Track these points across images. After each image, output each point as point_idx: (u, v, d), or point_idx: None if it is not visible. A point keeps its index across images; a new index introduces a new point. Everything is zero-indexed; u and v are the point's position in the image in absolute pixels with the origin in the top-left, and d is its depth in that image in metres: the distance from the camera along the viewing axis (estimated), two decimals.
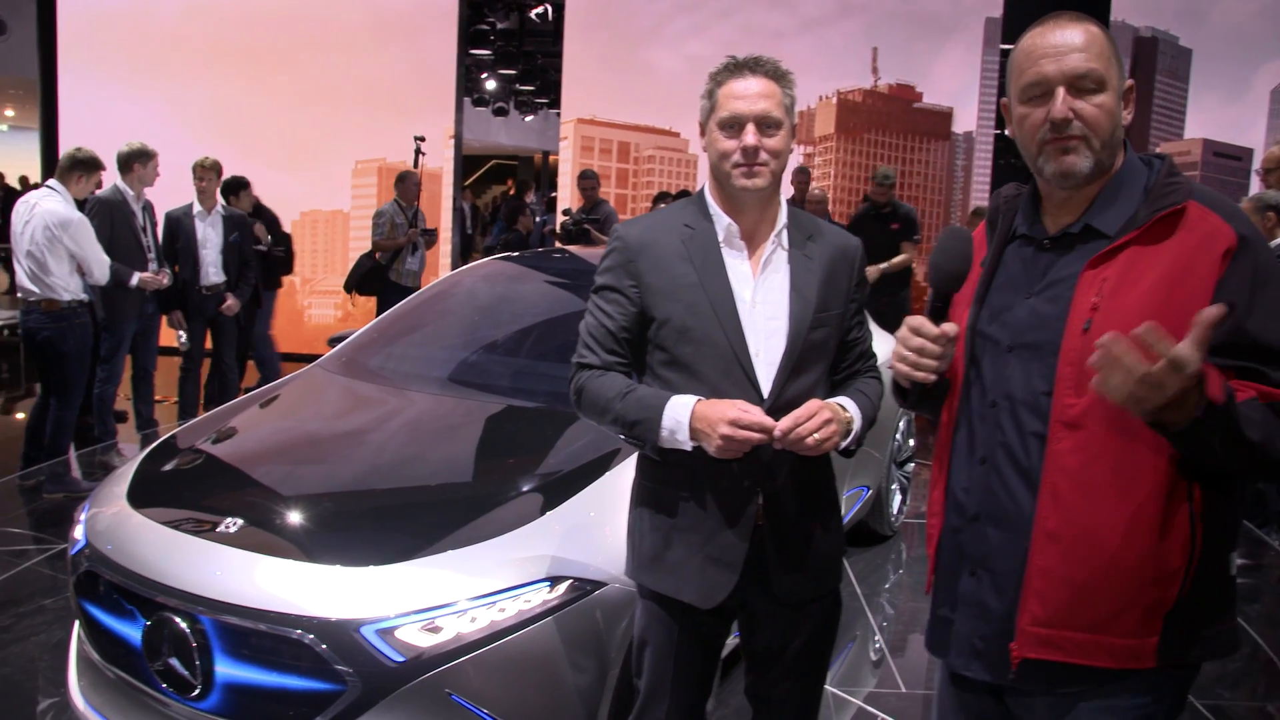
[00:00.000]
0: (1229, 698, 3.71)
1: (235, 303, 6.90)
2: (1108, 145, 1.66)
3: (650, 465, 2.20)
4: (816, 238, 2.20)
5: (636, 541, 2.23)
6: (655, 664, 2.22)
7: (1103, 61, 1.64)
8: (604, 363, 2.14)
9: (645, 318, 2.14)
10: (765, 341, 2.10)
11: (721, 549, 2.11)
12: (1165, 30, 10.55)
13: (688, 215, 2.18)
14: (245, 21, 10.40)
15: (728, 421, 1.94)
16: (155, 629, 2.54)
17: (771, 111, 2.05)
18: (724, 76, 2.09)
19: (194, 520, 2.80)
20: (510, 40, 11.26)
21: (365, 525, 2.77)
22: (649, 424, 2.04)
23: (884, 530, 5.10)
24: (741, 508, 2.11)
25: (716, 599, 2.12)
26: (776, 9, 10.82)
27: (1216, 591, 1.66)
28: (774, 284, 2.14)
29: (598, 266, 2.20)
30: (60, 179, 5.68)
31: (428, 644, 2.38)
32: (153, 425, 6.53)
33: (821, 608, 2.26)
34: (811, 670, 2.30)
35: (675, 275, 2.11)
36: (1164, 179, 1.65)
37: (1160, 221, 1.60)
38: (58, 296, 5.48)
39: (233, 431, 3.47)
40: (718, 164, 2.10)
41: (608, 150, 11.66)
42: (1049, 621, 1.66)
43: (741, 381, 2.08)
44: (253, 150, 8.17)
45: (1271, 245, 4.91)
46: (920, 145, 11.70)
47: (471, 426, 3.37)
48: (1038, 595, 1.67)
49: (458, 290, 4.43)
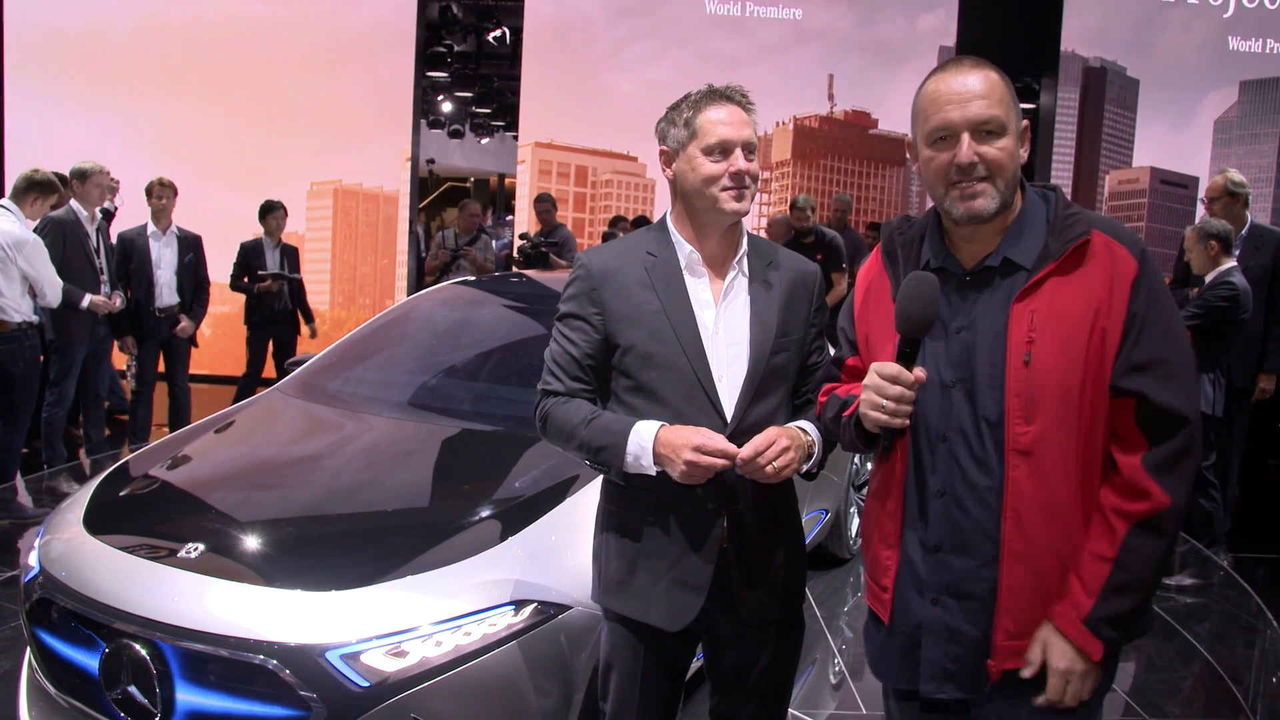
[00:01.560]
0: (1179, 714, 3.78)
1: (189, 324, 6.82)
2: (1010, 184, 1.77)
3: (615, 490, 2.22)
4: (776, 264, 2.24)
5: (602, 565, 2.25)
6: (621, 687, 2.23)
7: (1003, 107, 1.74)
8: (569, 389, 2.17)
9: (609, 344, 2.17)
10: (728, 367, 2.14)
11: (687, 572, 2.13)
12: (1114, 61, 10.82)
13: (650, 243, 2.21)
14: (199, 40, 10.32)
15: (692, 448, 1.98)
16: (113, 656, 2.50)
17: (752, 139, 2.13)
18: (705, 104, 2.13)
19: (153, 546, 2.77)
20: (467, 63, 11.26)
21: (327, 550, 2.76)
22: (614, 450, 2.07)
23: (843, 553, 5.14)
24: (706, 531, 2.13)
25: (683, 622, 2.14)
26: (734, 36, 10.94)
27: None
28: (735, 310, 2.18)
29: (562, 294, 2.23)
30: (15, 199, 5.60)
31: (393, 668, 2.37)
32: (103, 450, 6.41)
33: (785, 629, 2.29)
34: (775, 691, 2.32)
35: (638, 302, 2.14)
36: (1063, 211, 1.77)
37: (1074, 253, 1.72)
38: (8, 318, 5.38)
39: (191, 456, 3.43)
40: (701, 189, 2.12)
41: (565, 174, 11.68)
42: (1019, 634, 1.77)
43: (705, 406, 2.11)
44: (206, 171, 8.09)
45: (1215, 273, 5.06)
46: (876, 171, 11.86)
47: (431, 450, 3.36)
48: (1009, 613, 1.77)
49: (416, 314, 4.42)
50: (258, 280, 7.57)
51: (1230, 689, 4.05)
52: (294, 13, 10.60)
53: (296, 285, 7.82)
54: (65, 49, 10.15)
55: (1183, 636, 4.50)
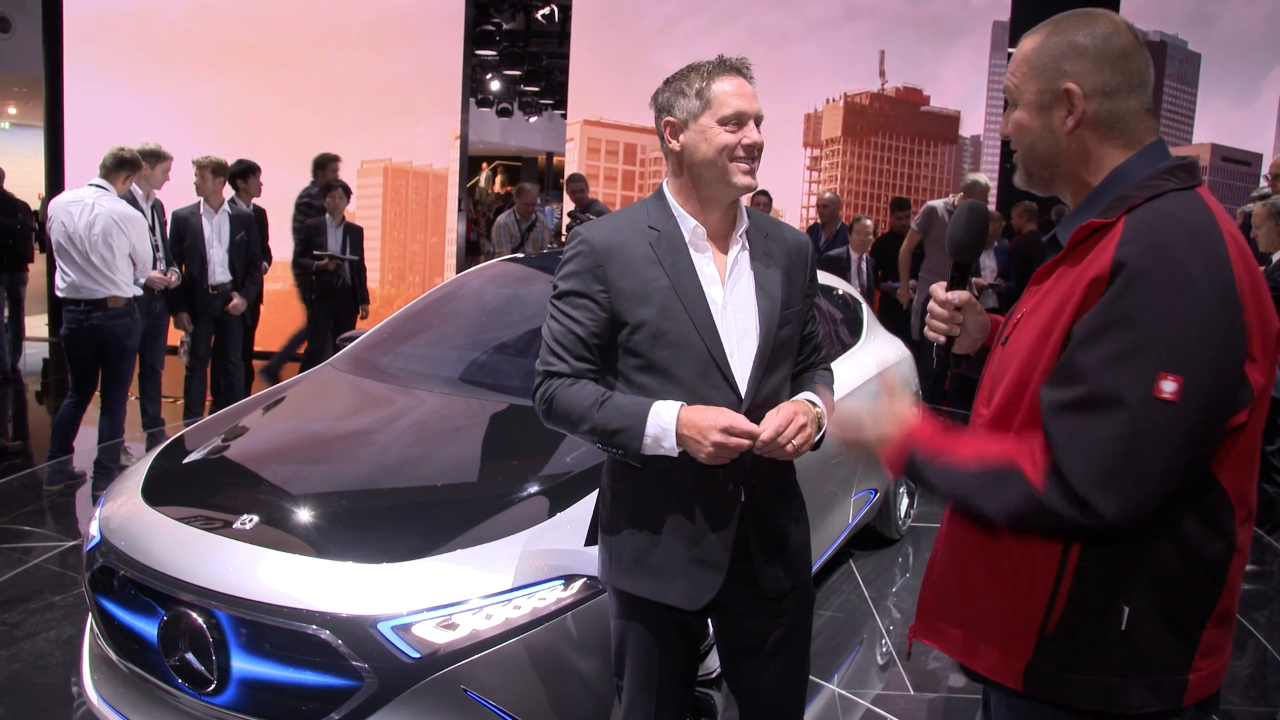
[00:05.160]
0: (1238, 703, 3.71)
1: (241, 302, 6.90)
2: (1036, 159, 1.65)
3: (625, 471, 2.19)
4: (773, 236, 2.25)
5: (613, 547, 2.22)
6: (638, 665, 2.22)
7: (1017, 75, 1.63)
8: (574, 370, 2.12)
9: (616, 323, 2.12)
10: (739, 342, 2.13)
11: (706, 551, 2.12)
12: (1174, 34, 10.56)
13: (650, 216, 2.18)
14: (251, 20, 10.41)
15: (720, 429, 1.97)
16: (171, 624, 2.55)
17: (761, 111, 2.12)
18: (717, 75, 2.11)
19: (209, 517, 2.82)
20: (516, 41, 11.25)
21: (378, 523, 2.78)
22: (631, 432, 2.04)
23: (891, 533, 5.10)
24: (726, 510, 2.13)
25: (702, 601, 2.13)
26: (783, 11, 10.84)
27: (1103, 639, 1.54)
28: (742, 284, 2.17)
29: (558, 271, 2.17)
30: (106, 177, 5.77)
31: (444, 640, 2.39)
32: (159, 424, 6.53)
33: (799, 596, 2.29)
34: (795, 657, 2.31)
35: (646, 279, 2.11)
36: (1129, 189, 1.53)
37: (1090, 236, 1.53)
38: (121, 293, 5.68)
39: (244, 430, 3.48)
40: (714, 158, 2.09)
41: (614, 152, 11.68)
42: (934, 610, 1.74)
43: (719, 384, 2.10)
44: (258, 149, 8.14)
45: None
46: (927, 148, 11.71)
47: (480, 426, 3.38)
48: (932, 585, 1.76)
49: (465, 291, 4.44)
50: (316, 259, 7.68)
51: None
52: None
53: (357, 265, 7.91)
54: (121, 30, 10.30)
55: (1241, 624, 4.41)
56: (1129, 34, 1.58)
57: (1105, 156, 1.58)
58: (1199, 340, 1.38)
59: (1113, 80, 1.56)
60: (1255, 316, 1.44)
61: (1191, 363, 1.38)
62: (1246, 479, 1.52)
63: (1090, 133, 1.58)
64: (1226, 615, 1.56)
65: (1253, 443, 1.52)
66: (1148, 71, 1.58)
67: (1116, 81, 1.56)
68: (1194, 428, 1.40)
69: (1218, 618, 1.54)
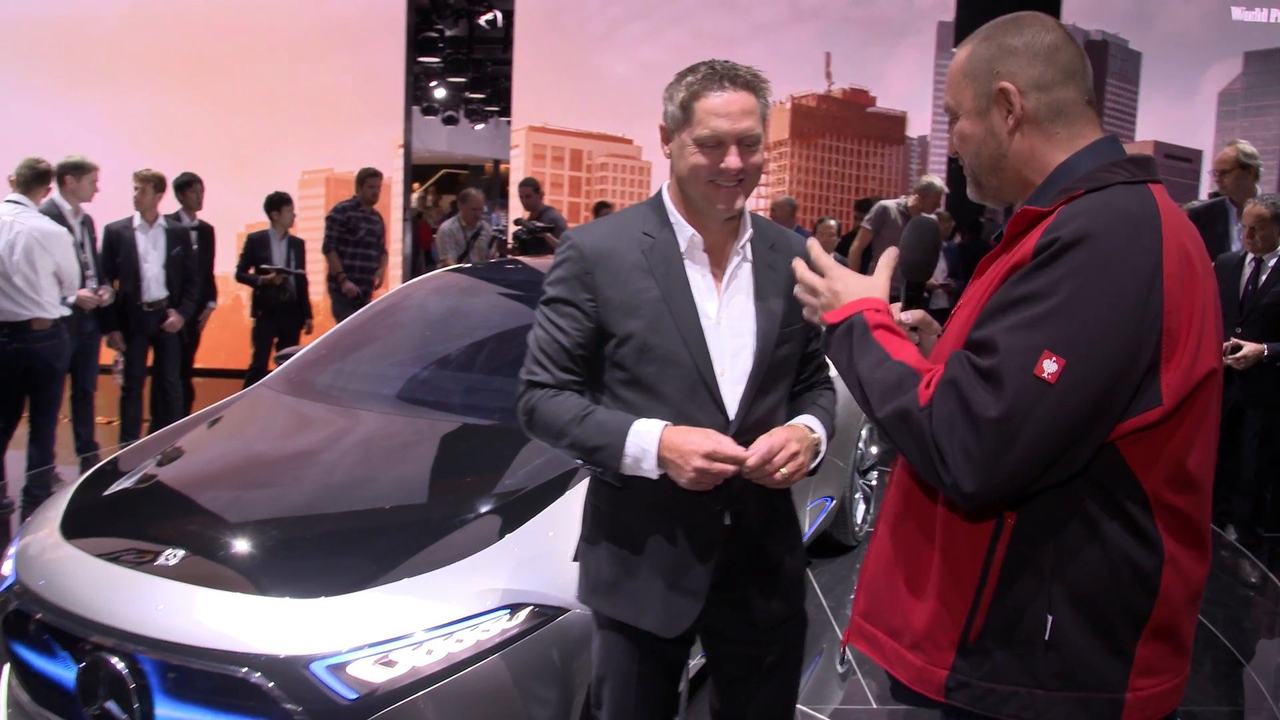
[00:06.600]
0: (1201, 703, 3.68)
1: (178, 319, 6.72)
2: (983, 166, 1.61)
3: (606, 489, 2.09)
4: (780, 247, 2.11)
5: (591, 566, 2.13)
6: (616, 693, 2.12)
7: (954, 88, 1.61)
8: (557, 381, 2.02)
9: (603, 333, 2.02)
10: (731, 360, 2.02)
11: (685, 577, 2.02)
12: (1115, 34, 10.69)
13: (646, 223, 2.06)
14: (185, 28, 10.18)
15: (702, 454, 1.86)
16: (90, 671, 2.40)
17: (753, 129, 1.94)
18: (701, 88, 1.94)
19: (133, 551, 2.67)
20: (459, 47, 11.10)
21: (316, 553, 2.65)
22: (611, 450, 1.94)
23: (848, 540, 5.04)
24: (707, 536, 2.03)
25: (679, 628, 2.03)
26: (729, 14, 10.82)
27: (1026, 647, 1.47)
28: (739, 298, 2.05)
29: (547, 275, 2.07)
30: (23, 191, 5.53)
31: (382, 679, 2.27)
32: (93, 448, 6.32)
33: (791, 625, 2.19)
34: (783, 689, 2.22)
35: (636, 289, 1.99)
36: (1074, 182, 1.49)
37: (1028, 227, 1.48)
38: (47, 314, 5.43)
39: (175, 456, 3.32)
40: (690, 179, 1.98)
41: (560, 158, 11.59)
42: (865, 613, 1.67)
43: (706, 404, 2.00)
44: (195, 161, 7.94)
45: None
46: (875, 149, 11.76)
47: (425, 446, 3.25)
48: (862, 588, 1.69)
49: (408, 304, 4.30)
50: (262, 273, 7.55)
51: (1252, 677, 3.95)
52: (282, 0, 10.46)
53: (301, 279, 7.81)
54: (48, 38, 10.01)
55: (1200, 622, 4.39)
56: (1058, 29, 1.57)
57: (1049, 153, 1.55)
58: (1097, 328, 1.34)
59: (1047, 73, 1.54)
60: (1184, 319, 1.38)
61: (1081, 348, 1.34)
62: (1173, 485, 1.45)
63: (1032, 129, 1.55)
64: (1168, 633, 1.48)
65: (1183, 450, 1.44)
66: (1081, 62, 1.57)
67: (1051, 74, 1.54)
68: (1065, 416, 1.35)
69: (1155, 632, 1.47)
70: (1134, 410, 1.39)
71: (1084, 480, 1.43)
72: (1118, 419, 1.39)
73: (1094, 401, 1.36)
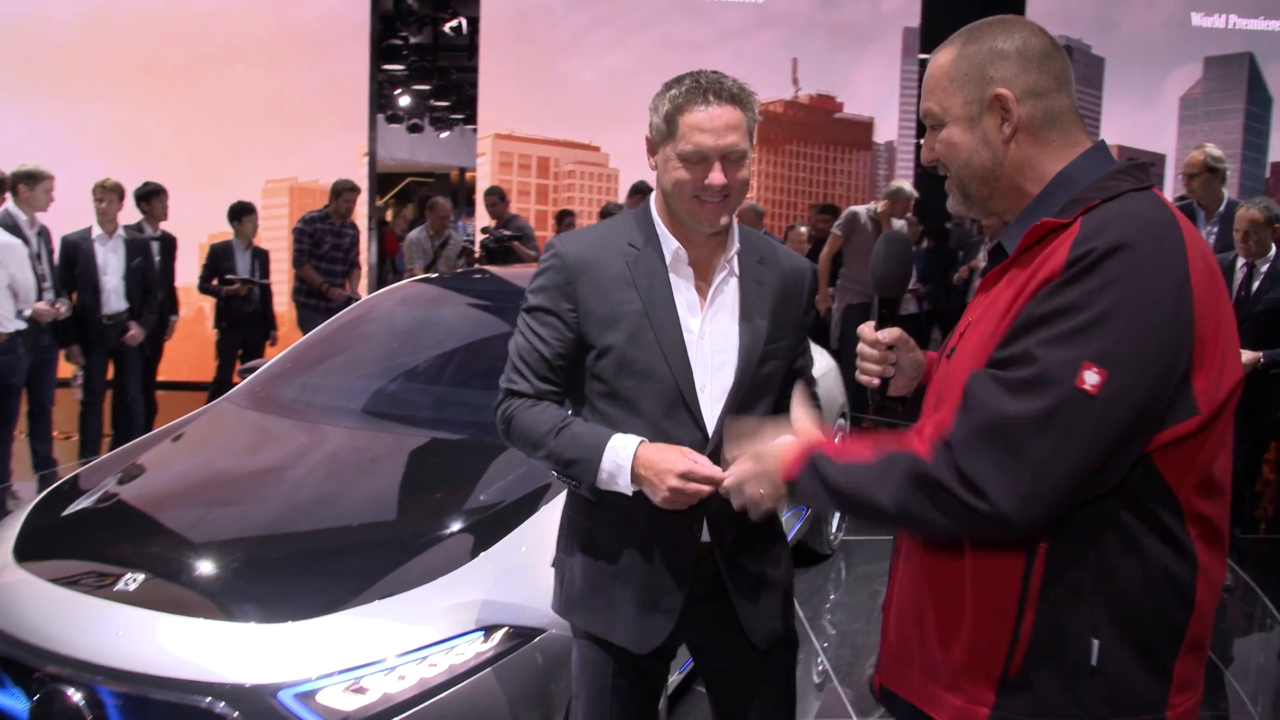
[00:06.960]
0: None
1: (139, 331, 6.59)
2: (974, 176, 1.55)
3: (582, 501, 2.04)
4: (768, 261, 2.07)
5: (565, 579, 2.09)
6: (591, 707, 2.07)
7: (937, 94, 1.54)
8: (536, 390, 1.98)
9: (583, 345, 1.98)
10: (712, 376, 1.97)
11: (658, 595, 1.98)
12: (1078, 39, 10.77)
13: (631, 233, 2.01)
14: (145, 35, 10.00)
15: (677, 474, 1.81)
16: (45, 703, 2.31)
17: (738, 145, 1.90)
18: (686, 101, 1.89)
19: (91, 575, 2.58)
20: (424, 55, 11.02)
21: (282, 575, 2.58)
22: (586, 464, 1.90)
23: (823, 549, 5.01)
24: (683, 550, 1.98)
25: (651, 645, 1.99)
26: (695, 20, 10.79)
27: (1072, 677, 1.42)
28: (723, 313, 2.01)
29: (531, 282, 2.02)
30: None
31: (353, 707, 2.20)
32: (51, 465, 6.17)
33: (785, 644, 2.16)
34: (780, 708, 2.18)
35: (618, 301, 1.95)
36: (1083, 192, 1.44)
37: (1043, 239, 1.43)
38: (2, 329, 5.35)
39: (136, 473, 3.22)
40: (674, 194, 1.94)
41: (526, 166, 11.50)
42: (897, 654, 1.61)
43: (684, 420, 1.95)
44: (155, 170, 7.80)
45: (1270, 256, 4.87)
46: (842, 155, 11.77)
47: (394, 462, 3.18)
48: (894, 624, 1.63)
49: (374, 315, 4.22)
50: (226, 284, 7.44)
51: (1230, 682, 3.95)
52: (244, 6, 10.33)
53: (266, 290, 7.70)
54: (2, 44, 9.81)
55: None
56: (1045, 35, 1.53)
57: (1046, 162, 1.50)
58: (1138, 339, 1.30)
59: (1041, 80, 1.49)
60: (1211, 326, 1.35)
61: (1122, 359, 1.30)
62: (1202, 492, 1.41)
63: (1027, 138, 1.50)
64: (1199, 645, 1.45)
65: (1212, 458, 1.41)
66: (1069, 70, 1.52)
67: (1045, 81, 1.49)
68: (1109, 428, 1.31)
69: (1189, 646, 1.44)
70: (1171, 420, 1.35)
71: (1119, 495, 1.38)
72: (1156, 430, 1.35)
73: (1136, 412, 1.32)
